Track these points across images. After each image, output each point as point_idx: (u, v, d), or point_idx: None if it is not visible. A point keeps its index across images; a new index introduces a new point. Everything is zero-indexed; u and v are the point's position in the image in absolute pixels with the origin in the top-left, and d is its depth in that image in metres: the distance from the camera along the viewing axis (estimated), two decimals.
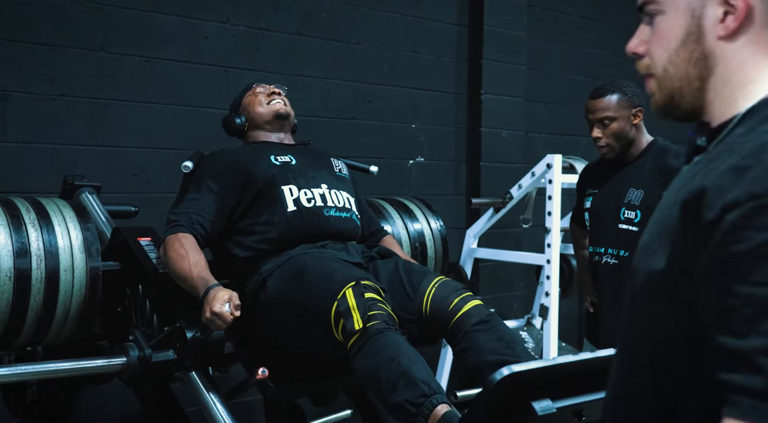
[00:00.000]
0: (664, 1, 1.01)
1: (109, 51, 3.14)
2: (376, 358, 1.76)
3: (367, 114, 3.98)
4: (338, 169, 2.50)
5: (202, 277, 2.03)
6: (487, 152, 4.37)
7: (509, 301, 4.54)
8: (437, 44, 4.25)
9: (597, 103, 2.51)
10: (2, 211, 2.06)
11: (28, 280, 2.00)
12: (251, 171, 2.28)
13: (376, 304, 1.85)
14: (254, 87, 2.62)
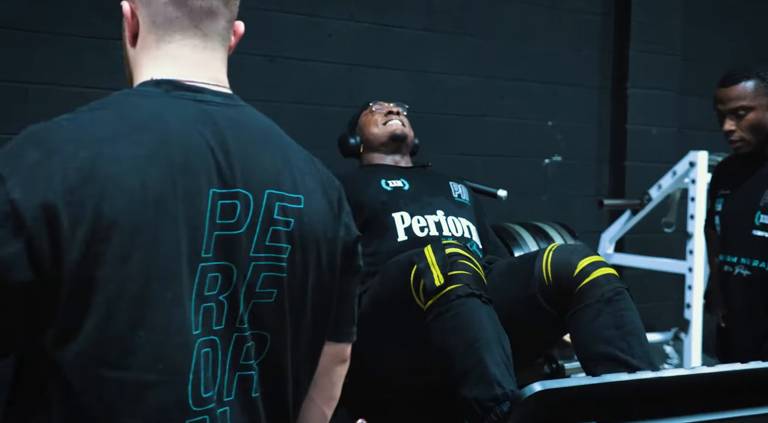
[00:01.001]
0: None
1: (234, 51, 3.20)
2: (453, 337, 1.62)
3: (498, 111, 3.82)
4: (457, 194, 2.30)
5: None
6: (633, 151, 4.05)
7: (658, 312, 4.18)
8: (578, 36, 4.00)
9: (729, 91, 2.22)
10: None
11: None
12: (359, 198, 2.12)
13: (458, 260, 1.68)
14: (371, 106, 2.50)
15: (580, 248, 1.85)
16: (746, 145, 2.23)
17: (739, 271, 2.23)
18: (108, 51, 2.96)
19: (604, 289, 1.74)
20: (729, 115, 2.23)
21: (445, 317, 1.63)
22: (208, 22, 1.20)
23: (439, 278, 1.64)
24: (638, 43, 4.05)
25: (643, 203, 3.34)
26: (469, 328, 1.61)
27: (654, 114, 4.11)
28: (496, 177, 3.82)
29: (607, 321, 1.71)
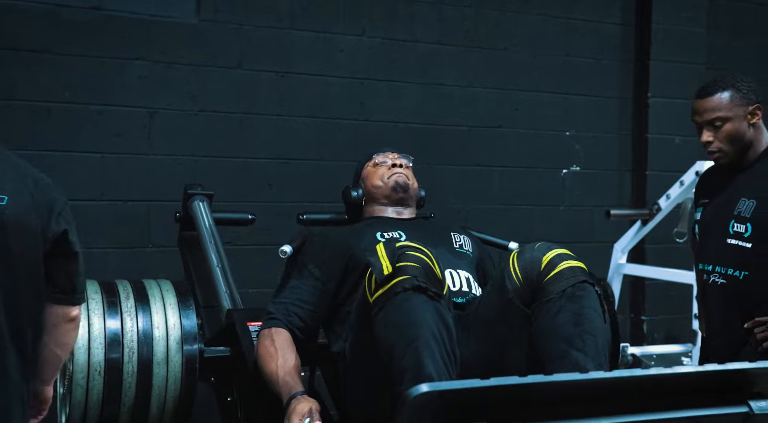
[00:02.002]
0: None
1: (246, 68, 3.35)
2: (394, 333, 1.59)
3: (514, 122, 3.84)
4: (459, 245, 2.21)
5: (286, 381, 1.86)
6: (655, 160, 4.02)
7: (683, 323, 4.11)
8: (596, 46, 4.00)
9: (705, 102, 2.17)
10: (101, 296, 2.03)
11: (119, 375, 1.93)
12: (353, 252, 2.07)
13: (406, 252, 1.65)
14: (374, 157, 2.39)
15: (544, 244, 1.82)
16: (725, 156, 2.20)
17: (714, 279, 2.19)
18: (124, 70, 3.13)
19: (567, 282, 1.72)
20: (706, 127, 2.18)
21: (389, 311, 1.61)
22: None
23: (387, 268, 1.62)
24: (660, 53, 4.02)
25: (653, 213, 3.31)
26: (411, 325, 1.58)
27: (677, 123, 4.05)
28: (512, 188, 3.85)
29: (566, 318, 1.69)
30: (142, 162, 3.18)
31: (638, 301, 4.07)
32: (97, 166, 3.10)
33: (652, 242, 3.90)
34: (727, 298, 2.15)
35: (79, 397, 1.93)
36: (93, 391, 1.93)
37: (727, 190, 2.22)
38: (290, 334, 2.00)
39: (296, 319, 2.04)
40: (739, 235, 2.13)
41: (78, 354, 1.94)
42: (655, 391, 1.26)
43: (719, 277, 2.18)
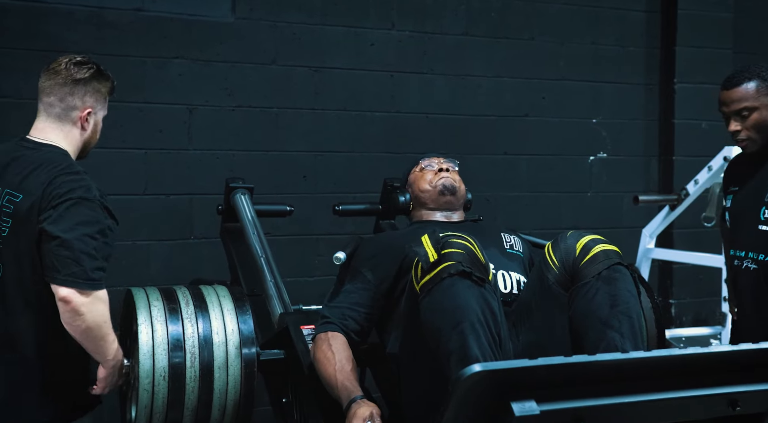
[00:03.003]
0: None
1: (281, 64, 3.44)
2: (440, 317, 1.64)
3: (540, 110, 3.91)
4: (509, 245, 2.24)
5: (345, 386, 1.89)
6: (682, 146, 4.07)
7: (712, 306, 4.17)
8: (622, 33, 4.04)
9: (732, 93, 2.25)
10: (162, 304, 2.08)
11: (182, 379, 1.98)
12: (408, 253, 2.02)
13: (450, 239, 1.70)
14: (420, 163, 2.41)
15: (575, 232, 1.89)
16: (753, 144, 2.27)
17: (747, 265, 2.27)
18: (165, 69, 3.24)
19: (602, 265, 1.77)
20: (734, 117, 2.26)
21: (435, 296, 1.65)
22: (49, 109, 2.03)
23: (432, 255, 1.66)
24: (686, 38, 4.06)
25: (681, 198, 3.36)
26: (456, 309, 1.62)
27: (704, 108, 4.10)
28: (540, 175, 3.93)
29: (602, 300, 1.73)
30: (183, 157, 3.30)
31: (666, 285, 4.13)
32: (141, 162, 3.22)
33: (679, 227, 3.96)
34: (759, 283, 2.22)
35: (145, 401, 1.99)
36: (158, 395, 1.99)
37: (756, 178, 2.29)
38: (346, 338, 2.03)
39: (351, 323, 2.06)
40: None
41: (143, 360, 2.00)
42: (692, 369, 1.34)
43: (752, 263, 2.26)
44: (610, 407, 1.29)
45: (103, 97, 2.09)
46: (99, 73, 2.08)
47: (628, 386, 1.30)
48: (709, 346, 3.69)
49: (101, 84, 2.07)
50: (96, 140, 2.13)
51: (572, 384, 1.29)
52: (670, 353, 1.30)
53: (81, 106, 2.03)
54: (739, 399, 1.35)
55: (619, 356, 1.28)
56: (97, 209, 1.91)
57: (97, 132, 2.10)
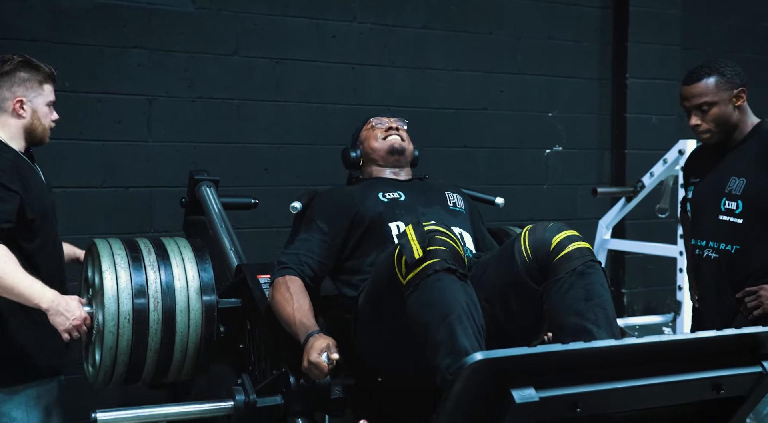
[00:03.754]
0: None
1: (242, 55, 3.40)
2: (427, 311, 1.70)
3: (498, 104, 3.96)
4: (453, 203, 2.38)
5: (303, 323, 2.01)
6: (633, 139, 4.17)
7: (662, 295, 4.30)
8: (577, 29, 4.13)
9: (692, 88, 2.32)
10: (125, 253, 2.17)
11: (146, 322, 2.08)
12: (358, 210, 2.24)
13: (435, 236, 1.76)
14: (371, 121, 2.53)
15: (555, 225, 1.93)
16: (713, 137, 2.34)
17: (707, 254, 2.35)
18: (123, 59, 3.17)
19: (577, 262, 1.82)
20: (694, 111, 2.33)
21: (422, 291, 1.70)
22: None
23: (418, 252, 1.71)
24: (637, 35, 4.16)
25: (637, 190, 3.46)
26: (443, 303, 1.67)
27: (654, 103, 4.22)
28: (498, 168, 3.98)
29: (577, 294, 1.78)
30: (143, 149, 3.23)
31: (618, 275, 4.24)
32: (99, 153, 3.14)
33: (632, 218, 4.07)
34: (720, 271, 2.30)
35: (110, 343, 2.08)
36: (123, 337, 2.08)
37: (716, 170, 2.37)
38: (302, 282, 2.15)
39: (307, 268, 2.20)
40: (731, 211, 2.28)
41: (108, 304, 2.09)
42: (679, 355, 1.39)
43: (712, 252, 2.33)
44: (605, 393, 1.32)
45: (36, 84, 2.29)
46: (24, 64, 2.28)
47: (621, 372, 1.34)
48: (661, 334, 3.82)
49: (29, 73, 2.29)
50: (43, 125, 2.32)
51: (569, 371, 1.33)
52: (661, 339, 1.34)
53: (11, 97, 2.26)
54: (723, 382, 1.40)
55: (614, 343, 1.31)
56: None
57: (39, 117, 2.30)
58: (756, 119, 2.37)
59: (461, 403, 1.31)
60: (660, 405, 1.43)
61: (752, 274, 2.26)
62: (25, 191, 2.21)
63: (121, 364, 2.12)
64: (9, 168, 2.19)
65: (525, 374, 1.29)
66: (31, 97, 2.28)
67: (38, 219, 2.27)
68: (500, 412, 1.30)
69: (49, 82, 2.33)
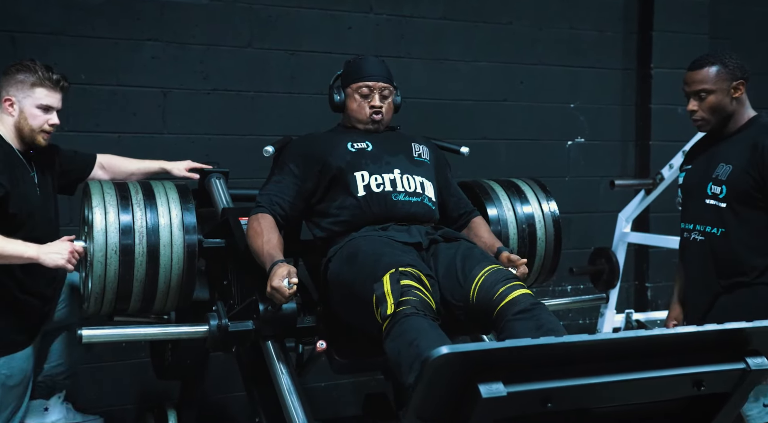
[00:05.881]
0: None
1: (257, 47, 3.41)
2: (398, 341, 1.79)
3: (518, 95, 3.91)
4: (417, 154, 2.51)
5: (270, 253, 2.17)
6: (658, 130, 4.09)
7: None
8: (600, 18, 4.05)
9: (694, 74, 2.36)
10: (115, 193, 2.32)
11: (131, 254, 2.25)
12: (327, 158, 2.40)
13: (410, 290, 1.88)
14: (362, 85, 2.51)
15: (505, 276, 1.99)
16: (706, 124, 2.39)
17: (694, 237, 2.41)
18: (138, 51, 3.20)
19: (522, 305, 1.89)
20: (693, 97, 2.38)
21: (393, 330, 1.82)
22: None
23: (390, 307, 1.85)
24: (663, 23, 4.07)
25: (656, 183, 3.39)
26: (411, 331, 1.78)
27: (680, 93, 4.09)
28: (518, 160, 3.93)
29: (528, 325, 1.85)
30: (158, 140, 3.27)
31: (642, 269, 4.16)
32: (115, 145, 3.18)
33: (655, 211, 3.98)
34: (705, 254, 2.36)
35: (99, 272, 2.23)
36: (110, 267, 2.23)
37: (706, 155, 2.43)
38: (273, 219, 2.34)
39: (278, 208, 2.37)
40: (716, 196, 2.34)
41: (97, 237, 2.23)
42: (657, 350, 1.35)
43: (699, 235, 2.40)
44: (577, 388, 1.29)
45: (28, 87, 2.43)
46: (21, 67, 2.44)
47: (595, 367, 1.31)
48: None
49: (25, 76, 2.43)
50: (30, 126, 2.45)
51: (540, 366, 1.30)
52: (636, 334, 1.31)
53: (4, 97, 2.44)
54: (703, 379, 1.36)
55: (585, 338, 1.28)
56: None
57: (26, 118, 2.44)
58: (753, 112, 2.40)
59: (429, 397, 1.29)
60: (639, 401, 1.39)
61: (735, 257, 2.32)
62: (12, 186, 2.35)
63: (109, 292, 2.26)
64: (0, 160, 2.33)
65: (493, 368, 1.27)
66: (20, 97, 2.44)
67: (22, 215, 2.40)
68: (468, 406, 1.28)
69: (45, 87, 2.45)
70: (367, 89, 2.51)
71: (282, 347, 2.24)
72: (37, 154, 2.53)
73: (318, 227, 2.41)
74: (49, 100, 2.45)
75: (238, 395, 3.29)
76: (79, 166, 2.74)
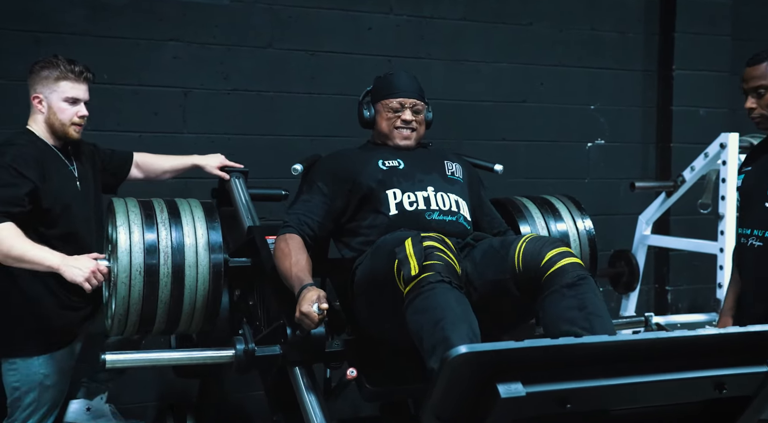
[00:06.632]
0: None
1: (277, 47, 3.43)
2: (422, 318, 1.75)
3: (538, 96, 3.89)
4: (450, 172, 2.44)
5: (298, 276, 2.11)
6: (679, 133, 4.05)
7: (707, 293, 4.16)
8: (621, 19, 4.02)
9: (752, 70, 2.27)
10: (139, 211, 2.28)
11: (156, 275, 2.19)
12: (358, 176, 2.34)
13: (434, 252, 1.82)
14: (393, 101, 2.47)
15: (550, 240, 1.95)
16: (765, 121, 2.28)
17: (752, 242, 2.30)
18: (159, 51, 3.23)
19: (569, 276, 1.84)
20: (751, 93, 2.28)
21: (417, 301, 1.77)
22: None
23: (415, 268, 1.79)
24: (685, 25, 4.04)
25: (677, 185, 3.36)
26: (437, 309, 1.73)
27: (702, 95, 4.09)
28: (538, 162, 3.91)
29: (570, 303, 1.80)
30: (178, 140, 3.29)
31: (662, 272, 4.13)
32: (136, 145, 3.19)
33: (676, 214, 3.95)
34: (763, 260, 2.26)
35: (123, 293, 2.19)
36: (134, 288, 2.19)
37: (766, 157, 2.32)
38: (302, 240, 2.27)
39: (306, 228, 2.31)
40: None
41: (121, 257, 2.20)
42: (679, 352, 1.34)
43: (757, 240, 2.28)
44: (596, 389, 1.29)
45: (53, 81, 2.45)
46: (44, 64, 2.46)
47: (615, 369, 1.30)
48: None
49: (50, 71, 2.45)
50: (60, 120, 2.47)
51: (559, 366, 1.29)
52: (657, 336, 1.30)
53: (32, 94, 2.48)
54: (725, 382, 1.35)
55: (606, 339, 1.28)
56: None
57: (55, 112, 2.46)
58: None
59: (447, 396, 1.29)
60: (659, 403, 1.38)
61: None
62: (43, 181, 2.36)
63: (133, 314, 2.23)
64: (30, 157, 2.36)
65: (512, 368, 1.26)
66: (47, 93, 2.45)
67: (57, 208, 2.41)
68: (486, 406, 1.27)
69: (69, 80, 2.46)
70: (398, 105, 2.46)
71: (309, 373, 2.17)
72: (75, 148, 2.56)
73: (347, 247, 2.33)
74: (74, 92, 2.47)
75: (256, 394, 3.29)
76: (118, 164, 2.76)
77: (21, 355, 2.42)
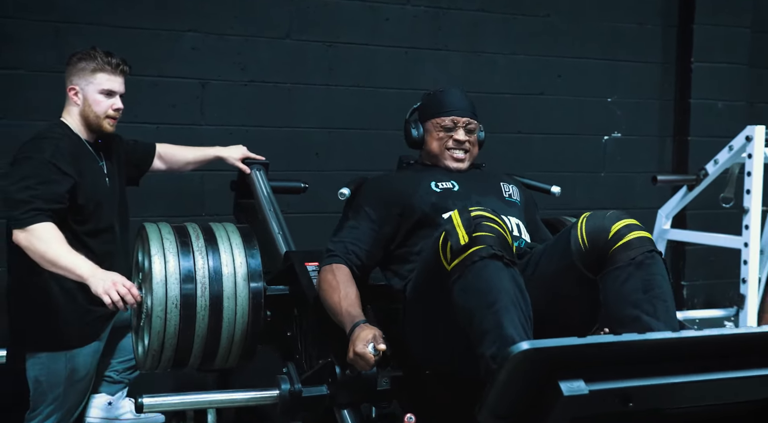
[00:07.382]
0: None
1: (294, 38, 3.38)
2: (473, 298, 1.64)
3: (555, 89, 3.86)
4: (508, 194, 2.31)
5: (349, 312, 1.97)
6: (697, 126, 4.02)
7: (723, 288, 4.15)
8: (639, 11, 3.98)
9: None
10: (174, 238, 2.16)
11: (193, 308, 2.07)
12: (409, 200, 2.18)
13: (483, 222, 1.69)
14: (444, 120, 2.32)
15: (614, 213, 1.84)
16: None
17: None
18: (178, 42, 3.18)
19: (636, 252, 1.74)
20: None
21: (467, 278, 1.65)
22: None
23: (463, 237, 1.66)
24: (704, 16, 4.00)
25: (699, 179, 3.33)
26: (490, 291, 1.62)
27: (721, 88, 4.06)
28: (554, 154, 3.88)
29: (635, 284, 1.71)
30: (196, 132, 3.24)
31: (678, 267, 4.10)
32: (153, 136, 3.15)
33: (693, 208, 3.92)
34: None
35: (158, 328, 2.08)
36: (170, 322, 2.08)
37: None
38: (349, 270, 2.11)
39: (354, 257, 2.16)
40: None
41: (156, 288, 2.08)
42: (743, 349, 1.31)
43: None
44: (659, 387, 1.25)
45: (89, 73, 2.43)
46: (82, 55, 2.45)
47: (678, 366, 1.27)
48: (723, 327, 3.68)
49: (86, 63, 2.44)
50: (95, 112, 2.46)
51: (622, 363, 1.26)
52: (721, 333, 1.27)
53: (69, 86, 2.47)
54: None
55: (669, 335, 1.24)
56: (40, 166, 2.26)
57: (90, 105, 2.45)
58: None
59: (505, 394, 1.26)
60: (720, 402, 1.35)
61: None
62: (80, 177, 2.35)
63: (168, 349, 2.12)
64: (67, 153, 2.34)
65: (574, 366, 1.23)
66: (83, 85, 2.44)
67: (91, 205, 2.39)
68: (547, 404, 1.24)
69: (105, 72, 2.44)
70: (451, 123, 2.32)
71: (358, 415, 2.04)
72: (104, 143, 2.54)
73: (397, 276, 2.17)
74: (110, 85, 2.44)
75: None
76: (141, 155, 2.73)
77: (48, 350, 2.39)
